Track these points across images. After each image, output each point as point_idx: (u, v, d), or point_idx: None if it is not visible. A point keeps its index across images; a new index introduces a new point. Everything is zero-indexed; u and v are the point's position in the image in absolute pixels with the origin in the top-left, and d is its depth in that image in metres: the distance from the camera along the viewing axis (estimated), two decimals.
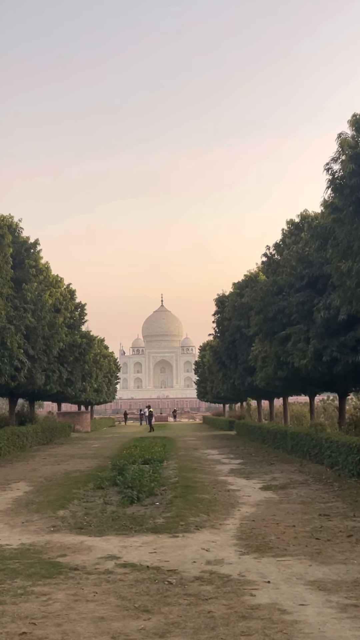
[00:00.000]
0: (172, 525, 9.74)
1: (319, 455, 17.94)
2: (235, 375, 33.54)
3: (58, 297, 31.90)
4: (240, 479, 15.65)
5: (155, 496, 12.65)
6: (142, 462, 18.28)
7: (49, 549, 8.37)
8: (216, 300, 37.07)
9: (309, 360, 18.10)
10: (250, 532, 9.20)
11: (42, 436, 30.80)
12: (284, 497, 12.60)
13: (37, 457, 22.92)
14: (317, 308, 17.31)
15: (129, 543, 8.64)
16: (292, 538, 8.79)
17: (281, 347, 20.75)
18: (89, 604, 6.05)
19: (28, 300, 24.83)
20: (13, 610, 5.87)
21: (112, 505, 11.72)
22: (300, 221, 22.07)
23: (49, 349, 28.68)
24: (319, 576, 6.91)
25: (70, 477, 16.17)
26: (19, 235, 25.48)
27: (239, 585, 6.59)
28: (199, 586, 6.60)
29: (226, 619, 5.56)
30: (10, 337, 21.98)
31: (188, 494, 12.62)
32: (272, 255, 23.97)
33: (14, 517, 10.73)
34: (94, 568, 7.36)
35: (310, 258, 18.26)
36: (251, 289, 25.74)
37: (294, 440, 21.41)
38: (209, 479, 15.44)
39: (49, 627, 5.43)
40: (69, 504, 11.89)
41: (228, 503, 11.88)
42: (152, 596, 6.27)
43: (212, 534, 9.19)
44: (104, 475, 15.50)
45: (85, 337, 39.33)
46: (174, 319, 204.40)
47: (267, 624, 5.43)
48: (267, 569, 7.20)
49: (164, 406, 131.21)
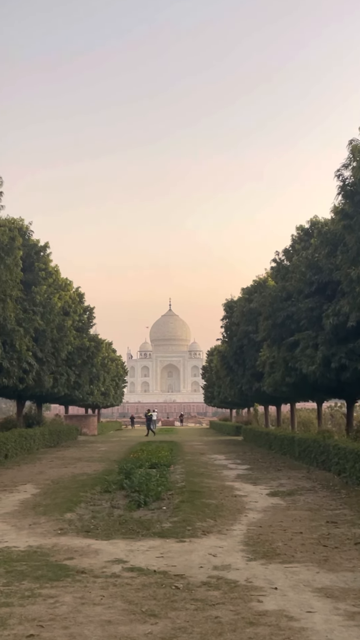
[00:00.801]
0: (179, 529, 9.73)
1: (327, 462, 17.87)
2: (242, 381, 33.51)
3: (67, 300, 31.99)
4: (247, 484, 15.62)
5: (162, 500, 12.64)
6: (149, 466, 18.27)
7: (56, 551, 8.38)
8: (224, 305, 37.08)
9: (317, 367, 18.07)
10: (258, 538, 9.18)
11: (49, 439, 30.84)
12: (291, 503, 12.56)
13: (44, 460, 22.95)
14: (326, 314, 17.29)
15: (135, 547, 8.64)
16: (299, 545, 8.76)
17: (289, 353, 20.73)
18: (96, 608, 6.05)
19: (37, 303, 24.92)
20: (20, 612, 5.88)
21: (119, 508, 11.72)
22: (310, 227, 22.08)
23: (58, 352, 28.75)
24: (327, 583, 6.88)
25: (77, 480, 16.18)
26: (29, 239, 25.59)
27: (246, 591, 6.58)
28: (206, 591, 6.59)
29: (233, 625, 5.55)
30: (19, 339, 22.06)
31: (195, 499, 12.60)
32: (282, 261, 23.96)
33: (21, 520, 10.75)
34: (101, 571, 7.36)
35: (320, 264, 18.24)
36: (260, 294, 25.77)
37: (301, 447, 21.35)
38: (216, 484, 15.41)
39: (56, 630, 5.44)
40: (76, 507, 11.89)
41: (235, 509, 11.86)
42: (159, 601, 6.26)
43: (219, 539, 9.18)
44: (111, 479, 15.51)
45: (93, 340, 39.39)
46: (181, 323, 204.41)
47: (274, 630, 5.42)
48: (275, 576, 7.19)
49: (171, 410, 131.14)
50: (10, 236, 19.52)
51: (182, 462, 21.50)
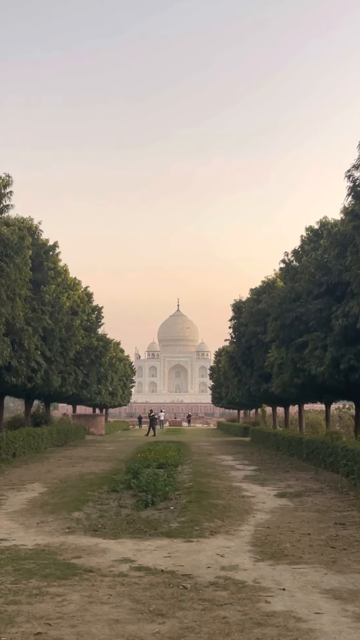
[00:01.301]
0: (186, 529, 9.72)
1: (335, 463, 17.82)
2: (250, 381, 33.46)
3: (75, 299, 32.03)
4: (255, 485, 15.59)
5: (169, 500, 12.64)
6: (156, 466, 18.27)
7: (64, 550, 8.39)
8: (233, 305, 37.01)
9: (325, 368, 18.02)
10: (265, 539, 9.16)
11: (57, 438, 30.90)
12: (299, 504, 12.53)
13: (51, 459, 23.00)
14: (335, 315, 17.23)
15: (143, 546, 8.64)
16: (307, 546, 8.74)
17: (298, 354, 20.68)
18: (104, 606, 6.05)
19: (46, 302, 24.97)
20: (28, 610, 5.89)
21: (127, 508, 11.73)
22: (320, 228, 22.01)
23: (66, 351, 28.80)
24: (335, 585, 6.86)
25: (85, 480, 16.20)
26: (38, 238, 25.63)
27: (254, 592, 6.56)
28: (213, 591, 6.58)
29: (241, 625, 5.54)
30: (28, 338, 22.11)
31: (202, 499, 12.59)
32: (291, 262, 23.89)
33: (29, 518, 10.77)
34: (109, 570, 7.36)
35: (329, 265, 18.18)
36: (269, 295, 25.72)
37: (309, 448, 21.29)
38: (224, 485, 15.39)
39: (63, 628, 5.44)
40: (83, 506, 11.91)
41: (242, 509, 11.84)
42: (166, 600, 6.26)
43: (227, 539, 9.16)
44: (119, 478, 15.52)
45: (101, 340, 39.44)
46: (189, 323, 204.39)
47: (282, 631, 5.40)
48: (282, 576, 7.17)
49: (179, 411, 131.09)
50: (20, 235, 19.56)
51: (190, 463, 21.49)
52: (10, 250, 18.32)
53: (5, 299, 18.65)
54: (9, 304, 19.13)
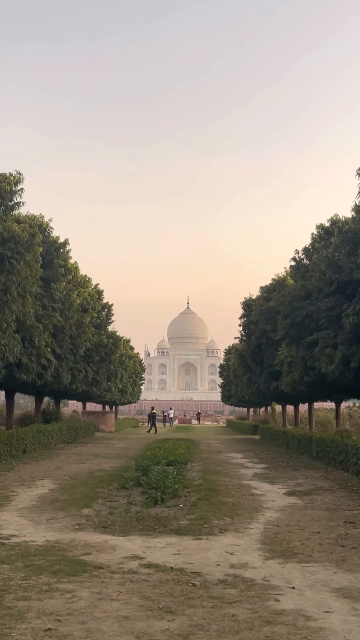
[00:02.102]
0: (195, 527, 9.73)
1: (345, 462, 17.77)
2: (260, 380, 33.39)
3: (86, 297, 32.06)
4: (265, 483, 15.58)
5: (179, 498, 12.65)
6: (165, 464, 18.28)
7: (74, 546, 8.42)
8: (243, 303, 36.90)
9: (336, 366, 17.94)
10: (275, 537, 9.15)
11: (67, 435, 31.00)
12: (309, 503, 12.50)
13: (61, 456, 23.07)
14: (345, 314, 17.15)
15: (152, 544, 8.65)
16: (317, 544, 8.72)
17: (308, 352, 20.60)
18: (113, 603, 6.07)
19: (56, 299, 25.02)
20: (38, 607, 5.92)
21: (136, 505, 11.75)
22: (331, 226, 21.89)
23: (76, 348, 28.86)
24: (344, 584, 6.84)
25: (95, 476, 16.25)
26: (49, 235, 25.67)
27: (263, 590, 6.56)
28: (222, 589, 6.58)
29: (250, 623, 5.54)
30: (38, 335, 22.17)
31: (212, 497, 12.60)
32: (301, 260, 23.79)
33: (39, 514, 10.82)
34: (118, 567, 7.38)
35: (340, 263, 18.09)
36: (279, 293, 25.63)
37: (319, 447, 21.25)
38: (233, 483, 15.39)
39: (73, 625, 5.46)
40: (93, 502, 11.94)
41: (252, 507, 11.83)
42: (176, 597, 6.27)
43: (236, 537, 9.16)
44: (128, 476, 15.55)
45: (111, 337, 39.47)
46: (199, 321, 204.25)
47: (291, 629, 5.40)
48: (292, 575, 7.16)
49: (188, 408, 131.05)
50: (31, 232, 19.59)
51: (199, 460, 21.50)
52: (21, 248, 18.35)
53: (16, 296, 18.69)
54: (19, 301, 19.17)
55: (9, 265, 17.83)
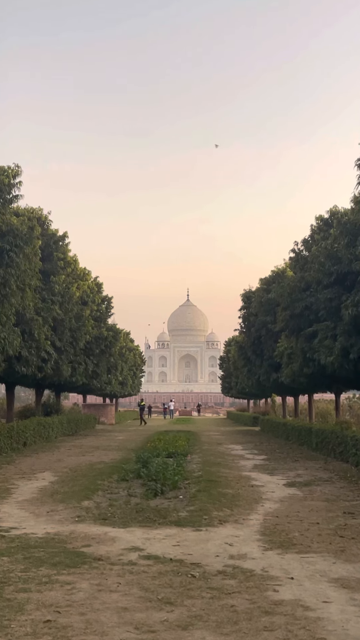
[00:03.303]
0: (195, 518, 9.77)
1: (344, 453, 17.81)
2: (260, 371, 33.43)
3: (85, 289, 32.06)
4: (264, 474, 15.62)
5: (178, 489, 12.68)
6: (166, 456, 18.32)
7: (74, 538, 8.45)
8: (242, 295, 36.91)
9: (335, 358, 17.95)
10: (274, 528, 9.18)
11: (67, 427, 31.06)
12: (308, 494, 12.54)
13: (62, 448, 23.13)
14: (345, 305, 17.14)
15: (152, 535, 8.68)
16: (316, 535, 8.76)
17: (307, 343, 20.62)
18: (113, 594, 6.10)
19: (56, 292, 25.02)
20: (38, 598, 5.94)
21: (136, 497, 11.78)
22: (330, 217, 21.87)
23: (76, 341, 28.88)
24: (343, 574, 6.87)
25: (95, 469, 16.29)
26: (48, 228, 25.66)
27: (262, 581, 6.59)
28: (222, 580, 6.61)
29: (249, 614, 5.57)
30: (38, 328, 22.19)
31: (212, 488, 12.63)
32: (300, 251, 23.78)
33: (39, 507, 10.86)
34: (118, 559, 7.41)
35: (339, 254, 18.07)
36: (278, 284, 25.62)
37: (318, 438, 21.29)
38: (233, 474, 15.43)
39: (73, 616, 5.49)
40: (93, 494, 11.98)
41: (252, 498, 11.87)
42: (175, 589, 6.30)
43: (236, 528, 9.19)
44: (128, 468, 15.59)
45: (111, 330, 39.48)
46: (199, 313, 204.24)
47: (290, 619, 5.43)
48: (291, 565, 7.19)
49: (188, 400, 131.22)
50: (29, 225, 19.57)
51: (199, 452, 21.55)
52: (19, 241, 18.33)
53: (15, 289, 18.69)
54: (19, 294, 19.18)
55: (8, 259, 17.82)
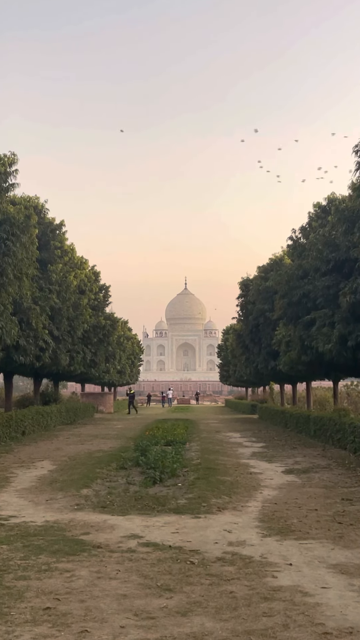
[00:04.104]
0: (194, 506, 9.79)
1: (342, 440, 17.86)
2: (258, 359, 33.46)
3: (83, 278, 31.98)
4: (263, 462, 15.66)
5: (177, 477, 12.71)
6: (164, 444, 18.37)
7: (73, 526, 8.47)
8: (240, 283, 36.88)
9: (333, 345, 17.95)
10: (272, 515, 9.21)
11: (66, 416, 31.10)
12: (307, 481, 12.58)
13: (60, 437, 23.16)
14: (343, 292, 17.12)
15: (151, 523, 8.70)
16: (314, 522, 8.78)
17: (305, 331, 20.61)
18: (112, 582, 6.11)
19: (53, 281, 24.96)
20: (37, 586, 5.96)
21: (135, 485, 11.81)
22: (327, 204, 21.80)
23: (74, 330, 28.86)
24: (341, 560, 6.90)
25: (94, 457, 16.32)
26: (45, 217, 25.53)
27: (261, 567, 6.61)
28: (220, 567, 6.63)
29: (248, 600, 5.58)
30: (35, 317, 22.14)
31: (210, 476, 12.66)
32: (298, 239, 23.72)
33: (38, 495, 10.88)
34: (117, 546, 7.43)
35: (337, 241, 18.03)
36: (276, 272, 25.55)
37: (316, 425, 21.34)
38: (231, 462, 15.47)
39: (72, 603, 5.50)
40: (92, 483, 12.00)
41: (250, 486, 11.90)
42: (174, 575, 6.31)
43: (234, 515, 9.22)
44: (127, 456, 15.62)
45: (109, 319, 39.47)
46: (197, 302, 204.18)
47: (289, 605, 5.45)
48: (289, 552, 7.21)
49: (187, 389, 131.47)
50: (26, 214, 19.45)
51: (198, 440, 21.59)
52: (16, 229, 18.23)
53: (13, 278, 18.62)
54: (16, 283, 19.11)
55: (5, 247, 17.74)
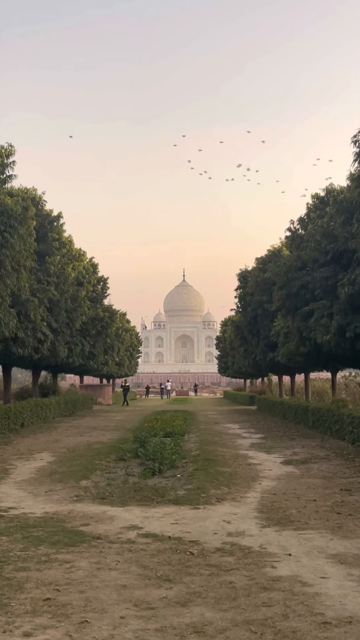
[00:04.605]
0: (193, 497, 9.81)
1: (341, 431, 17.90)
2: (256, 351, 33.49)
3: (81, 270, 31.94)
4: (261, 453, 15.70)
5: (176, 468, 12.74)
6: (163, 435, 18.40)
7: (72, 518, 8.49)
8: (239, 275, 36.85)
9: (331, 336, 17.95)
10: (271, 506, 9.24)
11: (65, 408, 31.13)
12: (305, 471, 12.61)
13: (59, 429, 23.19)
14: (341, 283, 17.11)
15: (150, 514, 8.73)
16: (313, 512, 8.81)
17: (304, 322, 20.60)
18: (112, 572, 6.13)
19: (51, 273, 24.92)
20: (37, 577, 5.97)
21: (134, 476, 11.83)
22: (326, 195, 21.74)
23: (72, 322, 28.85)
24: (340, 550, 6.92)
25: (93, 449, 16.34)
26: (42, 208, 25.46)
27: (260, 557, 6.63)
28: (220, 557, 6.65)
29: (247, 590, 5.60)
30: (33, 309, 22.12)
31: (209, 467, 12.69)
32: (296, 230, 23.67)
33: (37, 487, 10.89)
34: (117, 537, 7.45)
35: (335, 233, 18.00)
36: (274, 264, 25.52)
37: (315, 416, 21.39)
38: (230, 453, 15.50)
39: (72, 594, 5.52)
40: (91, 474, 12.02)
41: (249, 476, 11.93)
42: (173, 566, 6.33)
43: (233, 506, 9.24)
44: (126, 447, 15.64)
45: (107, 310, 39.46)
46: (195, 293, 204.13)
47: (288, 595, 5.47)
48: (288, 542, 7.23)
49: (185, 380, 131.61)
50: (24, 206, 19.38)
51: (196, 431, 21.63)
52: (14, 221, 18.17)
53: (10, 270, 18.59)
54: (14, 275, 19.07)
55: (2, 239, 17.69)
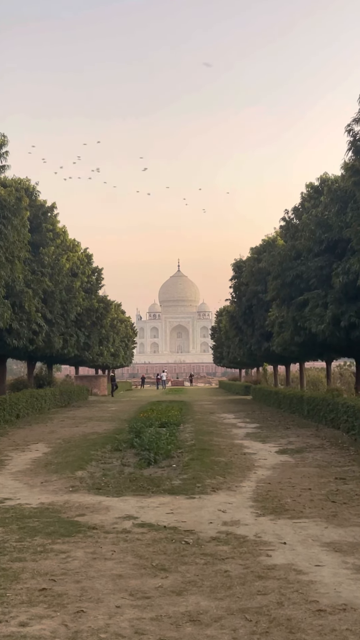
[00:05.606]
0: (188, 486, 9.84)
1: (335, 420, 17.95)
2: (251, 341, 33.55)
3: (75, 261, 31.88)
4: (256, 442, 15.74)
5: (171, 458, 12.77)
6: (158, 425, 18.43)
7: (68, 508, 8.50)
8: (233, 265, 36.86)
9: (326, 326, 17.99)
10: (267, 495, 9.27)
11: (60, 399, 31.14)
12: (300, 460, 12.66)
13: (55, 420, 23.20)
14: (335, 273, 17.13)
15: (146, 504, 8.74)
16: (308, 501, 8.84)
17: (298, 312, 20.64)
18: (107, 562, 6.15)
19: (45, 264, 24.86)
20: (33, 567, 5.98)
21: (130, 466, 11.85)
22: (320, 184, 21.75)
23: (67, 313, 28.82)
24: (335, 538, 6.95)
25: (88, 439, 16.36)
26: (36, 199, 25.37)
27: (255, 546, 6.66)
28: (215, 546, 6.67)
29: (242, 579, 5.63)
30: (28, 300, 22.07)
31: (204, 457, 12.72)
32: (291, 220, 23.68)
33: (33, 477, 10.90)
34: (112, 527, 7.46)
35: (330, 222, 18.00)
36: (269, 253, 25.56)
37: (310, 405, 21.44)
38: (225, 442, 15.54)
39: (68, 584, 5.53)
40: (87, 465, 12.03)
41: (244, 466, 11.96)
42: (169, 555, 6.35)
43: (229, 495, 9.27)
44: (122, 438, 15.67)
45: (102, 301, 39.42)
46: (190, 284, 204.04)
47: (283, 583, 5.49)
48: (283, 531, 7.26)
49: (180, 371, 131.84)
50: (17, 196, 19.32)
51: (192, 421, 21.67)
52: (7, 212, 18.12)
53: (4, 261, 18.53)
54: (8, 266, 19.01)
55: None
